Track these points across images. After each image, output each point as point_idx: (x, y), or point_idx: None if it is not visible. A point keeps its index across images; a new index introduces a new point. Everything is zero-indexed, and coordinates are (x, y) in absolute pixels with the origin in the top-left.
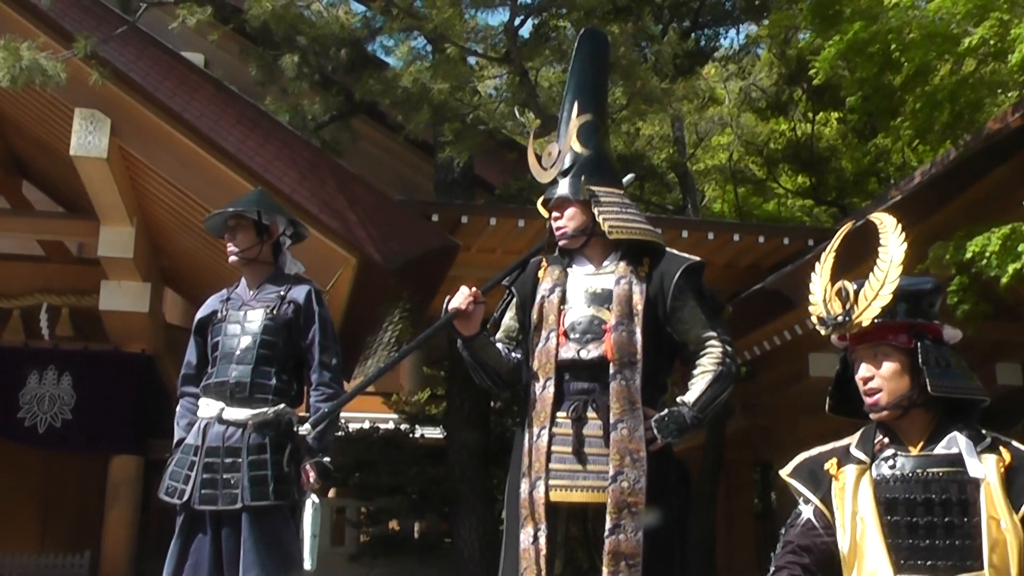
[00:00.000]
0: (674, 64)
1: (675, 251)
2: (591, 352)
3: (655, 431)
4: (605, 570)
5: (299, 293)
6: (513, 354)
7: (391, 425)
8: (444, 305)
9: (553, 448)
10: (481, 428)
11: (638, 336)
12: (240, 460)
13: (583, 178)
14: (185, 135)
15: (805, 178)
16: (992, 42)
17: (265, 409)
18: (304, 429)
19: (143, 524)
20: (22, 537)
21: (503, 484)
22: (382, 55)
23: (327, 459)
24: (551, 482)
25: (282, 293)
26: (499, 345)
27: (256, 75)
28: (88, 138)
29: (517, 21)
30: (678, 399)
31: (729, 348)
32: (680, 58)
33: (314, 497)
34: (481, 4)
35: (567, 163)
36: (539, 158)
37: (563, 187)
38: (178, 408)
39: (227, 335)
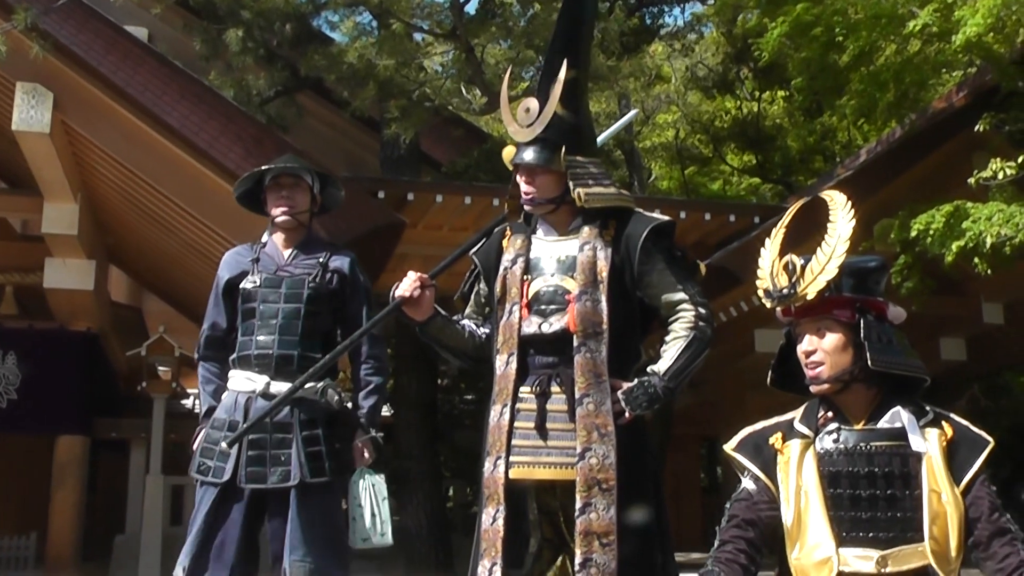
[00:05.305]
0: (620, 42)
1: (643, 212)
2: (553, 325)
3: (623, 403)
4: (578, 550)
5: (343, 263)
6: (481, 329)
7: None
8: (391, 292)
9: (516, 425)
10: (428, 406)
11: (603, 305)
12: (291, 436)
13: (563, 149)
14: (128, 110)
15: (751, 156)
16: (935, 27)
17: (315, 384)
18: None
19: (90, 505)
20: None
21: (451, 462)
22: (327, 30)
23: (380, 435)
24: (512, 459)
25: (322, 260)
26: (466, 321)
27: (200, 49)
28: (30, 112)
29: None
30: (648, 368)
31: (703, 311)
32: (626, 35)
33: (373, 473)
34: None
35: (547, 126)
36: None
37: (538, 153)
38: (201, 372)
39: (266, 301)
